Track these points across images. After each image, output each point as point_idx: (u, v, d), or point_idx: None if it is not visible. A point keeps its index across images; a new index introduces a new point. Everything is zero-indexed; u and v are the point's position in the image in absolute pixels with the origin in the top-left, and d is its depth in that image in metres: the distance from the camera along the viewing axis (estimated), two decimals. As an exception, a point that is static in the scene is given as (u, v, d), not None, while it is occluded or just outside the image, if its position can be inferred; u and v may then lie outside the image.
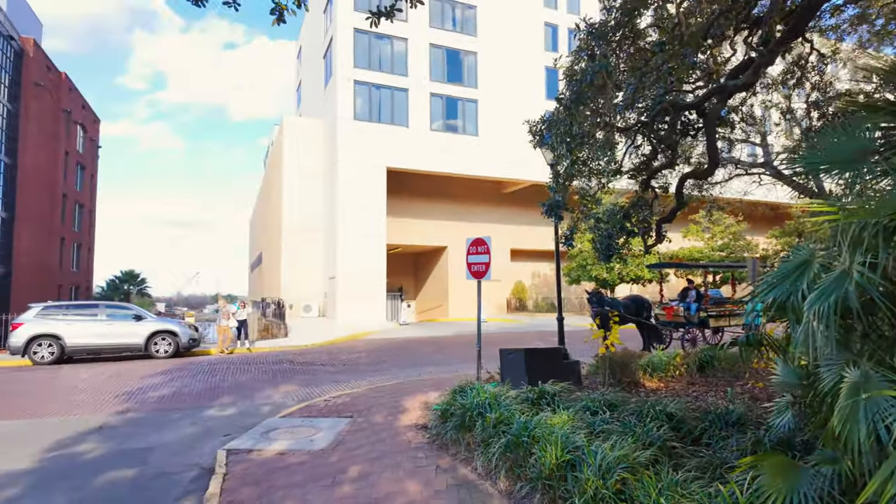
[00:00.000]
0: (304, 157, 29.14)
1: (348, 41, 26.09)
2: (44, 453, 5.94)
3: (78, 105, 40.35)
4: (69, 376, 11.53)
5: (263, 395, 9.13)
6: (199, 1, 3.82)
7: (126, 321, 14.58)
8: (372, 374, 11.14)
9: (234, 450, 5.63)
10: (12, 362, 14.04)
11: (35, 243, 32.89)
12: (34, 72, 32.29)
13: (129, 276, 69.19)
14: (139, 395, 9.30)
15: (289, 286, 28.29)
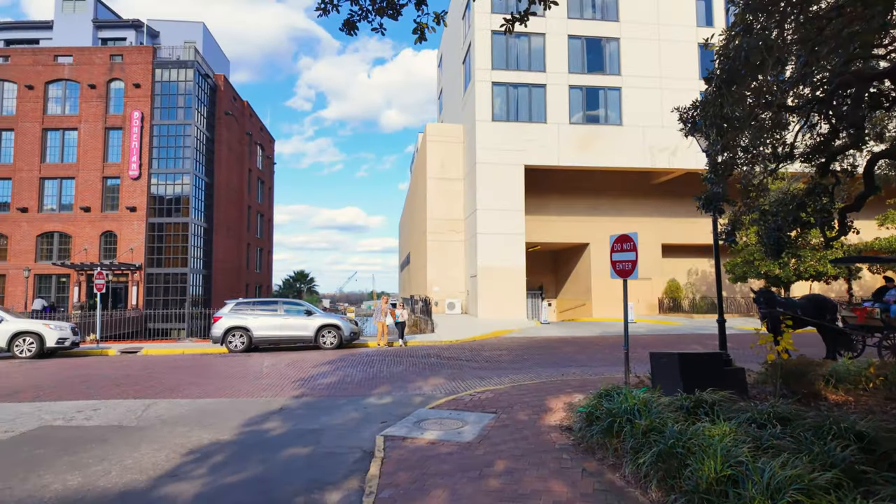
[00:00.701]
0: (445, 161, 30.34)
1: (486, 44, 26.58)
2: (240, 428, 7.05)
3: (257, 128, 46.77)
4: (256, 363, 13.45)
5: (415, 387, 9.75)
6: (351, 30, 4.25)
7: (299, 316, 16.57)
8: (514, 372, 11.25)
9: (390, 436, 6.13)
10: (214, 349, 16.79)
11: (228, 249, 38.91)
12: (224, 103, 38.20)
13: (300, 276, 78.41)
14: (311, 381, 10.53)
15: (433, 284, 29.68)
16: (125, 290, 32.09)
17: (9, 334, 15.13)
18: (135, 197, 32.35)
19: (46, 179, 32.68)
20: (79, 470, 5.34)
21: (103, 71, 33.11)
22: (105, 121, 32.81)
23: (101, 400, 8.97)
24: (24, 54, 33.53)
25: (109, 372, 12.27)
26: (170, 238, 32.70)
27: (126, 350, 17.20)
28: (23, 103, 32.83)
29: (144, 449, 6.06)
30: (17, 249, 31.90)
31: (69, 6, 37.42)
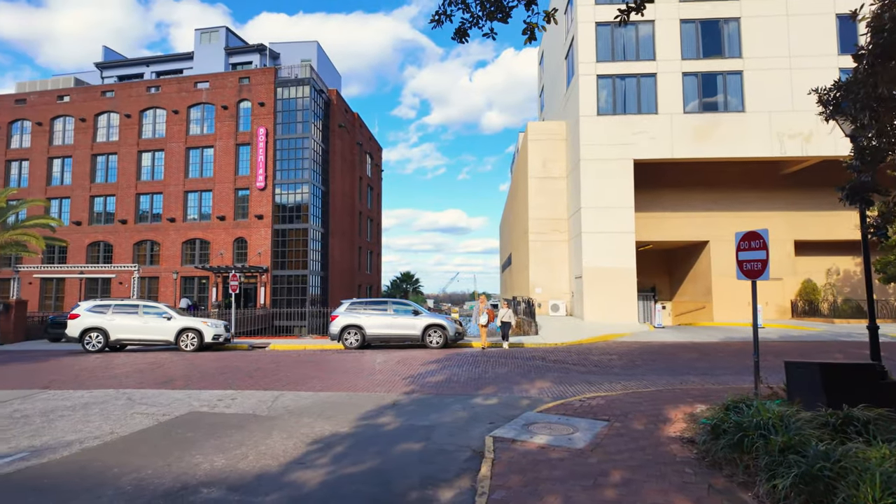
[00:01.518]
0: (547, 159, 29.79)
1: (590, 37, 25.71)
2: (357, 421, 7.47)
3: (366, 138, 49.32)
4: (369, 360, 14.17)
5: (520, 389, 9.69)
6: (462, 38, 4.34)
7: (407, 315, 17.20)
8: (626, 378, 10.74)
9: (499, 438, 6.15)
10: (331, 346, 17.95)
11: (342, 252, 41.44)
12: (337, 116, 40.77)
13: (406, 277, 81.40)
14: (420, 379, 10.88)
15: (536, 285, 29.25)
16: (255, 291, 35.43)
17: (176, 330, 17.37)
18: (261, 206, 35.61)
19: (189, 192, 37.08)
20: (222, 453, 5.99)
21: (234, 93, 36.88)
22: (236, 138, 36.51)
23: (238, 390, 9.98)
24: (171, 83, 38.35)
25: (243, 365, 13.61)
26: (292, 243, 35.57)
27: (256, 345, 18.98)
28: (170, 126, 37.58)
29: (275, 437, 6.64)
30: (167, 255, 36.55)
31: (206, 38, 42.17)
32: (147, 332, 17.51)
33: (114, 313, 17.65)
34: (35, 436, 6.85)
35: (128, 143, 37.90)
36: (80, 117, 38.58)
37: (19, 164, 39.70)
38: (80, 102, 38.95)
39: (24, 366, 14.29)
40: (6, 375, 12.41)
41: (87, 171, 38.25)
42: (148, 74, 43.75)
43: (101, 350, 17.34)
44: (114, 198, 37.87)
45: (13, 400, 9.28)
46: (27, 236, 23.25)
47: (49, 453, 6.06)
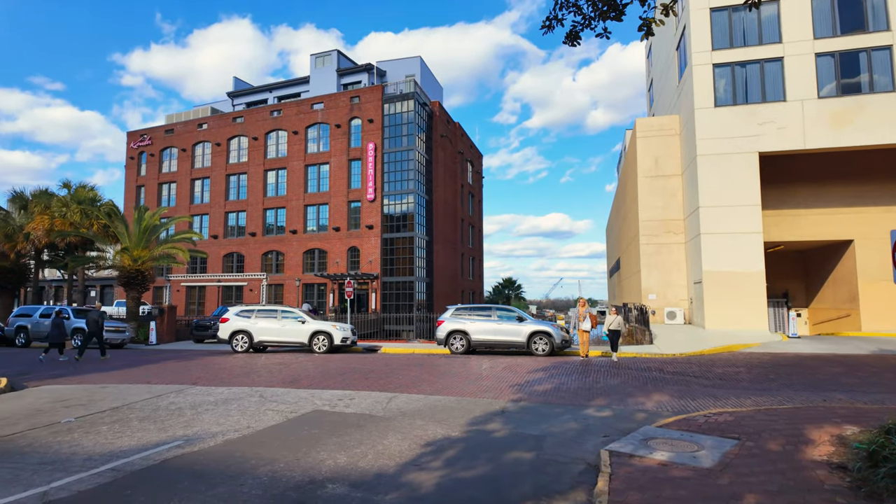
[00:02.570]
0: (658, 157, 28.14)
1: (704, 24, 23.96)
2: (467, 426, 7.57)
3: (467, 146, 50.07)
4: (476, 365, 14.29)
5: (635, 402, 9.21)
6: (574, 41, 4.27)
7: (512, 322, 17.11)
8: (757, 393, 9.77)
9: (615, 452, 5.90)
10: (438, 350, 18.36)
11: (446, 259, 42.35)
12: (440, 126, 41.88)
13: (508, 283, 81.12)
14: (527, 387, 10.77)
15: (648, 291, 27.64)
16: (366, 296, 37.36)
17: (309, 333, 18.65)
18: (371, 216, 37.54)
19: (308, 206, 40.12)
20: (344, 451, 6.38)
21: (345, 112, 39.36)
22: (348, 154, 38.91)
23: (355, 391, 10.57)
24: (291, 106, 41.86)
25: (358, 366, 14.39)
26: (399, 250, 37.06)
27: (368, 348, 19.97)
28: (291, 146, 40.99)
29: (391, 438, 6.94)
30: (290, 264, 39.80)
31: (320, 61, 45.50)
32: (284, 335, 18.93)
33: (257, 317, 19.36)
34: (187, 426, 7.78)
35: (255, 163, 41.95)
36: (216, 142, 43.43)
37: (168, 185, 45.59)
38: (215, 129, 43.88)
39: (176, 363, 16.30)
40: (162, 372, 14.24)
41: (222, 189, 42.92)
42: (271, 99, 48.14)
43: (247, 351, 19.08)
44: (244, 213, 42.08)
45: (169, 394, 10.63)
46: (176, 249, 26.56)
47: (199, 442, 6.86)
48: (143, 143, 46.68)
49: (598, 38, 4.26)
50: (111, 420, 8.27)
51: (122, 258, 24.78)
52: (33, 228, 28.37)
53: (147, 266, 24.92)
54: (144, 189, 46.29)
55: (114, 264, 26.59)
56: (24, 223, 29.36)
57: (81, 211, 29.37)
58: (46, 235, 28.39)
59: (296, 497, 4.88)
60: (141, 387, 11.50)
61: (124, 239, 25.21)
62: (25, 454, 6.44)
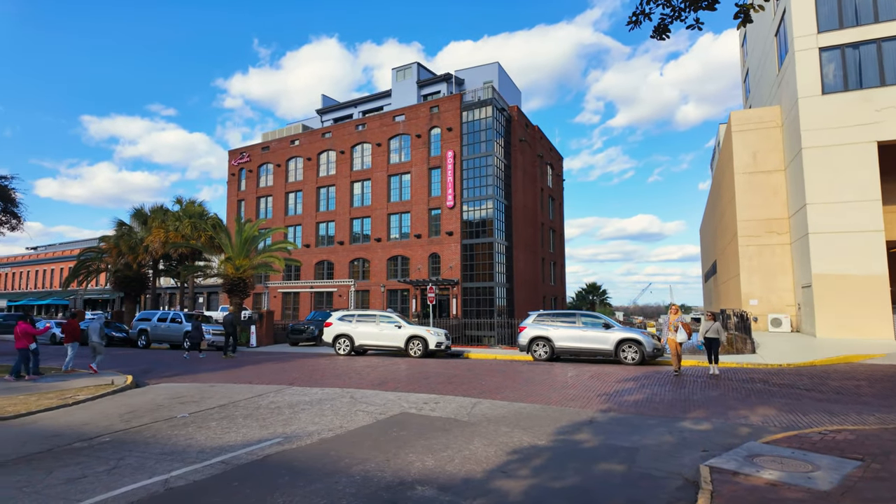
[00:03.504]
0: (757, 151, 26.09)
1: (808, 6, 21.97)
2: (554, 435, 7.42)
3: (547, 149, 49.32)
4: (560, 373, 13.97)
5: (738, 415, 8.56)
6: (663, 34, 4.09)
7: (598, 329, 16.55)
8: (883, 410, 8.73)
9: (717, 468, 5.52)
10: (520, 357, 18.16)
11: (526, 264, 41.88)
12: (518, 131, 41.64)
13: (592, 288, 78.59)
14: (617, 396, 10.36)
15: (749, 296, 25.62)
16: (447, 302, 37.81)
17: (405, 337, 19.13)
18: (451, 223, 38.01)
19: (391, 214, 41.38)
20: (431, 454, 6.49)
21: (425, 122, 40.25)
22: (428, 163, 39.72)
23: (440, 395, 10.72)
24: (374, 120, 43.50)
25: (442, 371, 14.58)
26: (478, 256, 37.18)
27: (452, 353, 20.15)
28: (374, 158, 42.57)
29: (476, 443, 6.96)
30: (375, 270, 41.22)
31: (400, 75, 46.92)
32: (383, 339, 19.58)
33: (357, 322, 20.17)
34: (286, 424, 8.28)
35: (342, 175, 43.99)
36: (307, 157, 46.07)
37: (265, 199, 48.94)
38: (306, 144, 46.56)
39: (274, 365, 17.41)
40: (262, 373, 15.27)
41: (313, 201, 45.40)
42: (356, 114, 50.31)
43: (349, 354, 19.83)
44: (333, 223, 44.20)
45: (269, 393, 11.37)
46: (272, 258, 28.42)
47: (296, 440, 7.27)
48: (243, 160, 50.53)
49: (688, 29, 4.07)
50: (219, 416, 8.98)
51: (226, 267, 26.92)
52: (151, 241, 31.62)
53: (247, 274, 26.87)
54: (244, 203, 50.03)
55: (218, 272, 28.95)
56: (144, 236, 32.79)
57: (191, 224, 32.33)
58: (162, 247, 31.53)
59: (387, 497, 5.03)
60: (244, 386, 12.41)
61: (227, 249, 27.37)
62: (149, 444, 7.17)
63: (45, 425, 8.48)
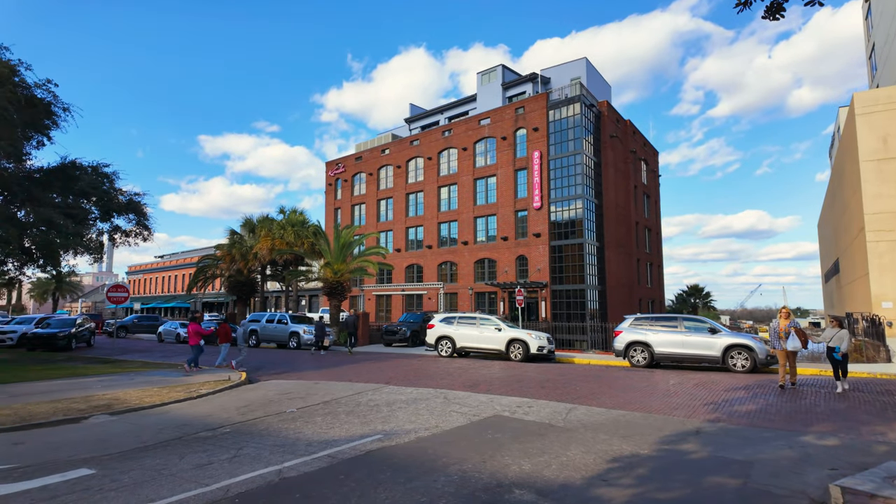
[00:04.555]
0: (888, 135, 23.11)
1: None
2: (658, 444, 7.06)
3: (640, 144, 47.11)
4: (661, 380, 13.26)
5: (872, 431, 7.64)
6: (777, 14, 3.77)
7: (702, 333, 15.52)
8: None
9: (850, 488, 4.96)
10: (616, 362, 17.47)
11: (619, 265, 40.22)
12: (608, 126, 40.18)
13: (694, 290, 73.64)
14: (726, 406, 9.65)
15: (881, 298, 22.70)
16: (536, 305, 37.28)
17: (506, 340, 19.00)
18: (538, 225, 37.46)
19: (478, 218, 41.61)
20: (527, 458, 6.44)
21: (510, 124, 40.07)
22: (514, 164, 39.48)
23: (532, 399, 10.60)
24: (460, 125, 44.03)
25: (534, 375, 14.41)
26: (568, 258, 36.28)
27: (546, 357, 19.82)
28: (461, 162, 43.06)
29: (573, 449, 6.80)
30: (462, 273, 41.64)
31: (485, 79, 47.12)
32: (483, 342, 19.63)
33: (458, 324, 20.54)
34: (384, 422, 8.61)
35: (430, 180, 44.95)
36: (397, 164, 47.62)
37: (359, 206, 51.22)
38: (395, 153, 48.15)
39: (371, 364, 18.15)
40: (361, 372, 15.97)
41: (402, 207, 46.82)
42: (442, 120, 51.23)
43: (451, 356, 20.18)
44: (422, 227, 45.29)
45: (367, 391, 11.88)
46: (367, 262, 29.67)
47: (395, 437, 7.54)
48: (338, 170, 53.31)
49: (807, 6, 3.68)
50: (323, 412, 9.53)
51: (325, 271, 28.51)
52: (259, 248, 34.28)
53: (345, 278, 28.27)
54: (340, 210, 52.73)
55: (319, 277, 30.72)
56: (253, 244, 35.62)
57: (294, 232, 34.64)
58: (269, 253, 34.07)
59: (486, 499, 5.07)
60: (344, 384, 13.06)
61: (326, 255, 29.00)
62: (263, 436, 7.77)
63: (176, 415, 9.48)
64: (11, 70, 17.70)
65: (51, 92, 19.70)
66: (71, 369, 15.81)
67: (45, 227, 18.20)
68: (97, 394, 11.33)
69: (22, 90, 18.06)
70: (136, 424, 8.65)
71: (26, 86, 18.60)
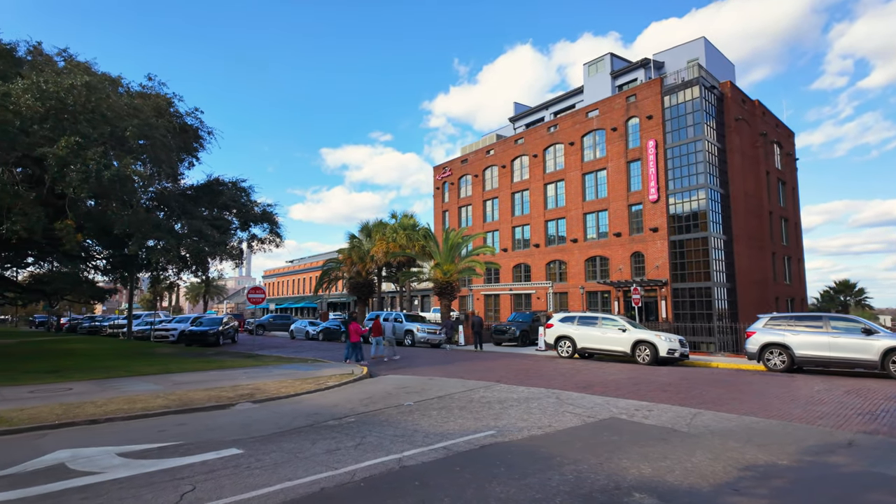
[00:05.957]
0: None
1: None
2: (799, 455, 6.37)
3: (771, 126, 42.50)
4: (804, 386, 11.89)
5: None
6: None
7: (854, 335, 13.67)
8: None
9: None
10: (749, 366, 15.96)
11: (750, 260, 36.58)
12: (733, 109, 36.76)
13: (844, 287, 64.66)
14: (886, 417, 8.43)
15: None
16: (655, 304, 35.17)
17: (631, 342, 17.92)
18: (655, 218, 35.31)
19: (587, 214, 40.26)
20: (648, 462, 6.15)
21: (621, 113, 38.26)
22: (626, 156, 37.64)
23: (651, 402, 10.06)
24: (566, 119, 42.94)
25: (655, 378, 13.65)
26: (690, 253, 33.76)
27: (667, 361, 18.68)
28: (567, 157, 41.97)
29: (699, 456, 6.37)
30: (572, 272, 40.54)
31: (593, 69, 45.49)
32: (605, 343, 18.73)
33: (578, 324, 19.79)
34: (496, 419, 8.70)
35: (536, 178, 44.40)
36: (501, 164, 47.67)
37: (466, 208, 52.05)
38: (500, 153, 48.22)
39: (481, 363, 18.38)
40: (472, 370, 16.25)
41: (508, 207, 46.76)
42: (547, 116, 50.35)
43: (571, 357, 19.60)
44: (528, 226, 44.86)
45: (479, 389, 12.07)
46: (475, 263, 30.12)
47: (508, 434, 7.59)
48: (445, 174, 54.64)
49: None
50: (438, 407, 9.86)
51: (435, 272, 29.40)
52: (375, 251, 36.26)
53: (454, 278, 28.93)
54: (448, 213, 53.99)
55: (429, 277, 31.76)
56: (369, 248, 37.77)
57: (406, 235, 36.17)
58: (384, 256, 35.92)
59: (603, 500, 4.94)
60: (457, 381, 13.38)
61: (436, 256, 29.89)
62: (384, 427, 8.23)
63: (307, 405, 10.37)
64: (168, 102, 20.55)
65: (198, 118, 22.60)
66: (219, 362, 17.94)
67: (197, 237, 20.83)
68: (241, 384, 12.75)
69: (176, 119, 20.89)
70: (273, 412, 9.61)
71: (179, 115, 21.48)
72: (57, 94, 14.46)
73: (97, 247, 25.95)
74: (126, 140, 16.07)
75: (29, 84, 14.28)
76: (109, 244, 23.55)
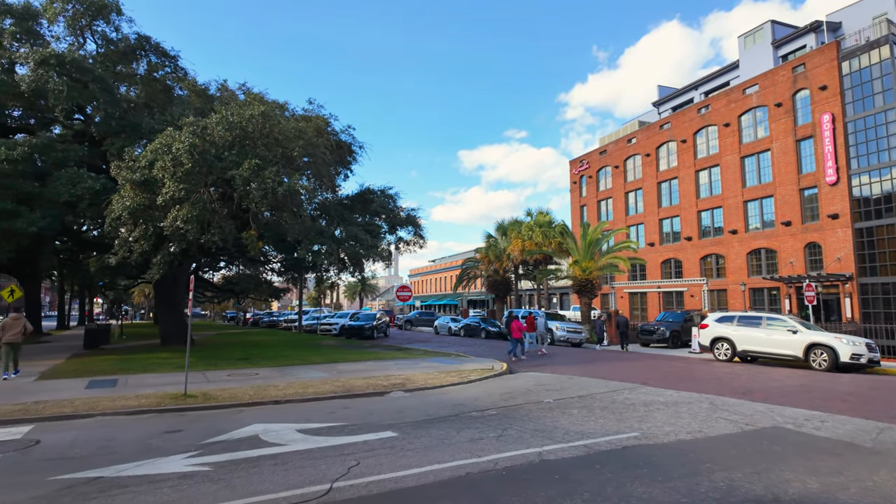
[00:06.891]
0: None
1: None
2: None
3: None
4: None
5: None
6: None
7: None
8: None
9: None
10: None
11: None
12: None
13: None
14: None
15: None
16: (837, 302, 30.46)
17: (804, 345, 16.07)
18: (834, 203, 30.55)
19: (748, 202, 36.15)
20: (816, 476, 5.59)
21: (786, 87, 33.74)
22: (794, 134, 33.10)
23: (826, 413, 8.95)
24: (719, 99, 39.02)
25: (832, 386, 12.04)
26: (883, 242, 28.62)
27: (850, 366, 16.24)
28: (722, 140, 38.10)
29: (884, 475, 5.62)
30: (732, 267, 36.72)
31: (749, 41, 40.75)
32: (771, 346, 17.00)
33: (738, 324, 18.20)
34: (641, 421, 8.46)
35: (685, 165, 41.05)
36: (645, 153, 44.89)
37: (605, 202, 49.96)
38: (643, 141, 45.44)
39: (625, 364, 17.70)
40: (614, 370, 15.77)
41: (654, 198, 43.87)
42: (697, 97, 46.22)
43: (730, 360, 18.04)
44: (678, 218, 41.65)
45: (622, 390, 11.74)
46: (617, 259, 28.90)
47: (653, 437, 7.38)
48: (582, 167, 53.00)
49: None
50: (579, 406, 9.86)
51: (573, 269, 28.84)
52: (511, 250, 36.66)
53: (593, 275, 28.11)
54: (586, 208, 52.29)
55: (567, 275, 31.23)
56: (505, 246, 38.26)
57: (542, 233, 35.98)
58: (520, 254, 36.15)
59: (757, 510, 4.67)
60: (598, 381, 13.14)
61: (574, 253, 29.30)
62: (524, 421, 8.50)
63: (452, 396, 11.04)
64: (326, 122, 23.11)
65: (351, 135, 25.10)
66: (374, 354, 19.69)
67: (353, 242, 23.11)
68: (393, 374, 13.94)
69: (333, 136, 23.40)
70: (422, 400, 10.43)
71: (335, 132, 24.03)
72: (240, 124, 17.17)
73: (273, 252, 30.08)
74: (294, 159, 18.51)
75: (220, 118, 17.15)
76: (283, 250, 27.21)
